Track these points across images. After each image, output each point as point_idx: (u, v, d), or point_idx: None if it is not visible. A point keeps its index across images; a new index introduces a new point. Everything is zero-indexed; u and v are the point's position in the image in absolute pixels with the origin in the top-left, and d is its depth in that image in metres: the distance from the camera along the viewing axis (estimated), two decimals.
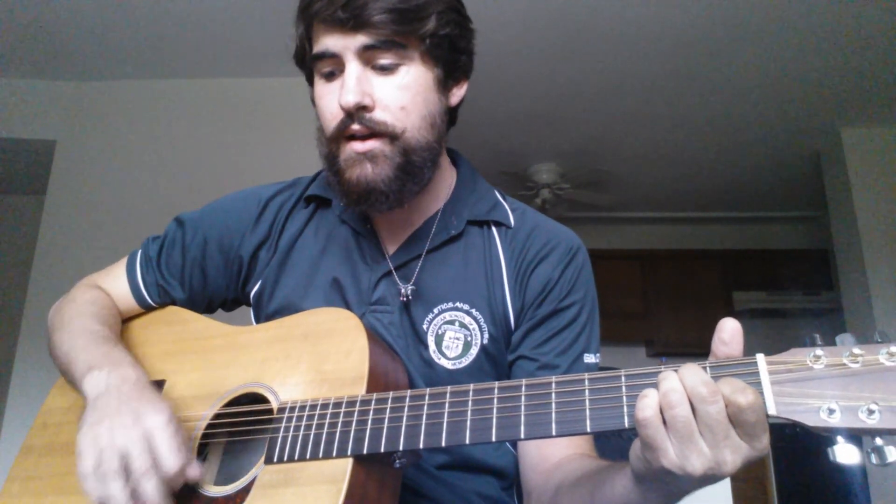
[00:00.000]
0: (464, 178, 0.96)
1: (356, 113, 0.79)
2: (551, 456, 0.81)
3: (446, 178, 0.95)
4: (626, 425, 0.57)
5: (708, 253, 4.78)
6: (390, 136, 0.80)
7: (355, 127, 0.79)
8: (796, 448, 3.78)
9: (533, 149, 3.93)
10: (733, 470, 0.53)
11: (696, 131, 3.64)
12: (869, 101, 3.26)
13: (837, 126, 3.52)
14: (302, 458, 0.69)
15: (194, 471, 0.70)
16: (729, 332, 0.57)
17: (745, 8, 2.57)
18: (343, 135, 0.81)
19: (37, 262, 2.88)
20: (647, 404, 0.54)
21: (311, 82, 0.90)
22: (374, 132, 0.80)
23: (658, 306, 4.62)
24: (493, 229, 0.92)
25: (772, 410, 0.53)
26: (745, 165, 4.04)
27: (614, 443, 1.09)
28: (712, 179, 4.27)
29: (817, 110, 3.36)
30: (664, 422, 0.54)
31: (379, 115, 0.80)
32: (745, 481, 3.80)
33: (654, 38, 2.78)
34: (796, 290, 4.53)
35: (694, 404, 0.53)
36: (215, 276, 0.97)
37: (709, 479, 0.54)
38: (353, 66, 0.79)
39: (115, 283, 0.99)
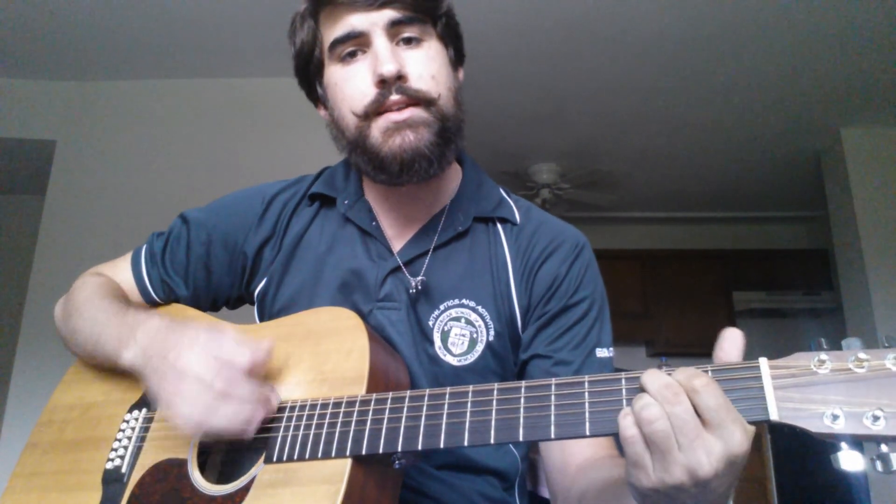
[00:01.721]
0: (469, 175, 0.96)
1: (394, 83, 0.80)
2: (575, 457, 0.81)
3: (452, 175, 0.95)
4: None
5: (708, 253, 4.79)
6: (427, 102, 0.81)
7: (394, 98, 0.80)
8: (796, 449, 3.78)
9: (533, 149, 3.93)
10: (711, 472, 0.52)
11: (696, 131, 3.64)
12: (869, 101, 3.26)
13: (837, 126, 3.52)
14: (301, 458, 0.68)
15: (263, 347, 0.73)
16: (729, 341, 0.57)
17: (745, 8, 2.57)
18: (377, 110, 0.81)
19: (37, 262, 2.88)
20: (631, 423, 0.54)
21: (310, 82, 0.91)
22: (410, 101, 0.81)
23: (658, 306, 4.62)
24: (499, 226, 0.92)
25: (774, 416, 0.53)
26: (745, 165, 4.04)
27: None
28: (712, 179, 4.27)
29: (817, 110, 3.36)
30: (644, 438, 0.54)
31: (415, 83, 0.81)
32: (746, 482, 3.80)
33: (654, 38, 2.78)
34: (796, 290, 4.53)
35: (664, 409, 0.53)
36: (220, 274, 0.97)
37: (693, 487, 0.53)
38: (383, 40, 0.81)
39: (121, 276, 0.99)
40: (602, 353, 0.87)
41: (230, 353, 0.71)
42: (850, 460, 0.50)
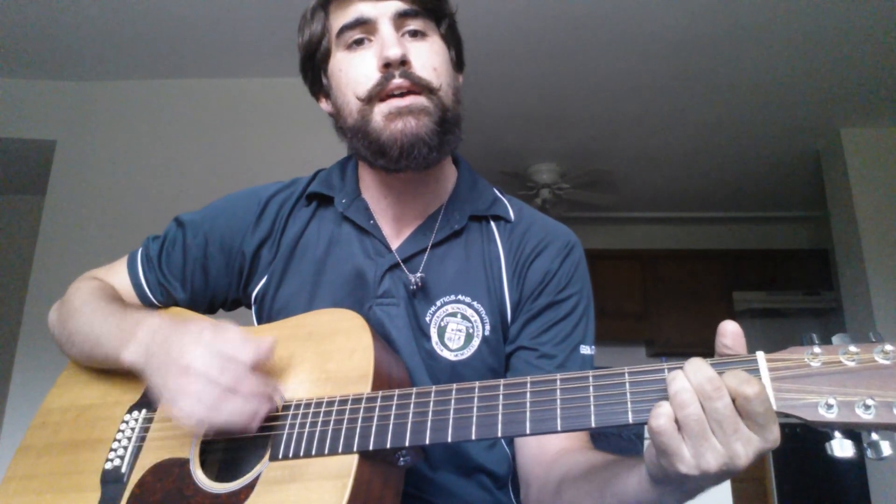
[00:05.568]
0: (464, 176, 0.98)
1: (398, 68, 0.82)
2: (551, 447, 0.82)
3: (448, 176, 0.97)
4: (630, 421, 0.58)
5: (708, 253, 4.79)
6: (428, 90, 0.83)
7: (397, 82, 0.81)
8: (796, 448, 3.78)
9: (533, 149, 3.93)
10: (747, 462, 0.53)
11: (696, 131, 3.64)
12: (869, 101, 3.27)
13: (837, 126, 3.53)
14: (307, 455, 0.68)
15: (266, 343, 0.73)
16: (731, 337, 0.58)
17: (745, 8, 2.57)
18: (379, 95, 0.83)
19: (37, 262, 2.88)
20: (662, 412, 0.55)
21: (315, 72, 0.92)
22: (413, 88, 0.82)
23: (658, 306, 4.62)
24: (493, 224, 0.94)
25: (773, 405, 0.54)
26: (745, 165, 4.05)
27: (614, 443, 1.08)
28: (712, 179, 4.28)
29: (817, 110, 3.37)
30: (677, 423, 0.54)
31: (418, 71, 0.83)
32: (746, 481, 3.80)
33: (654, 38, 2.79)
34: (796, 290, 4.53)
35: (701, 402, 0.54)
36: (217, 276, 0.97)
37: (724, 474, 0.54)
38: (389, 28, 0.84)
39: (117, 279, 0.99)
40: (585, 350, 0.89)
41: (234, 348, 0.71)
42: (842, 448, 0.53)
